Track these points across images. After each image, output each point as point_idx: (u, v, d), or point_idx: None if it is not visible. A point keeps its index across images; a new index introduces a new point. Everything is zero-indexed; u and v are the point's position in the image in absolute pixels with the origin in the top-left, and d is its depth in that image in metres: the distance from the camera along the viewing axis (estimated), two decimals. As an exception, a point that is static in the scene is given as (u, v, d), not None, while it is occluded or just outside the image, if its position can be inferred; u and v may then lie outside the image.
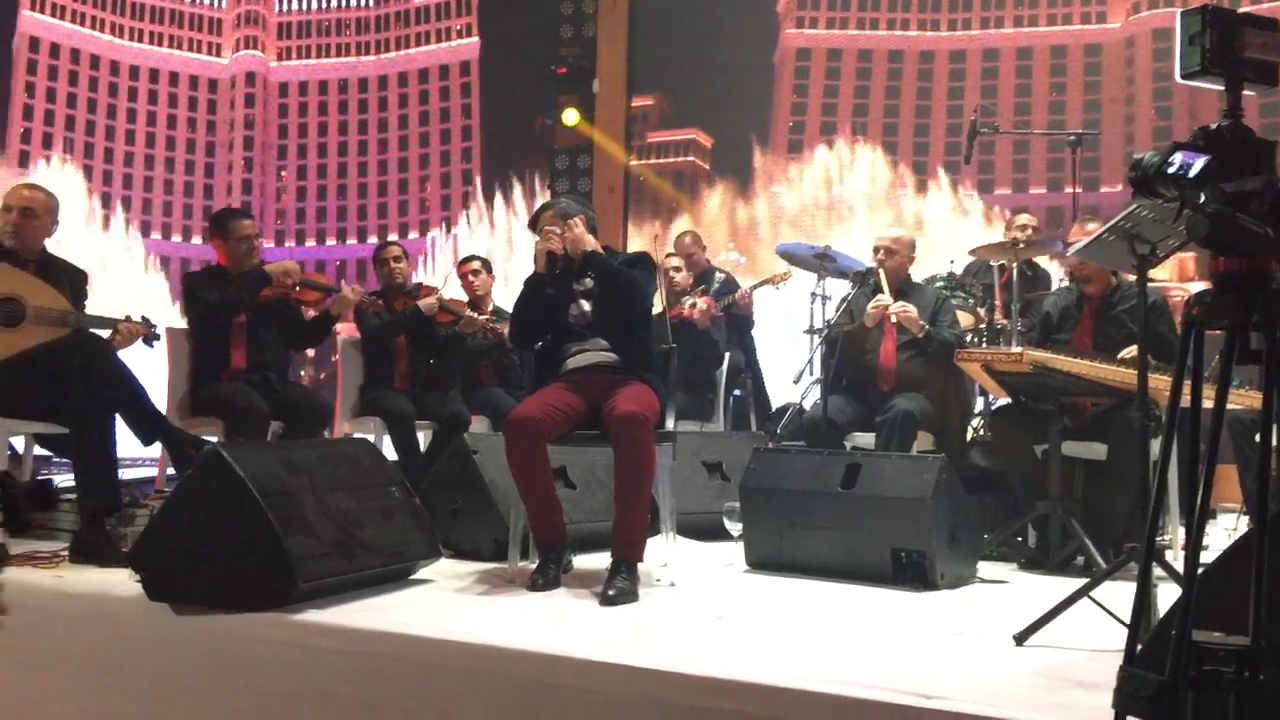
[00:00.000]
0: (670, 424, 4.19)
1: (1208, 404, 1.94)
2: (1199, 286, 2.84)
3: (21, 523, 1.85)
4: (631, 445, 3.70)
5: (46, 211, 4.53)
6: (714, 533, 4.58)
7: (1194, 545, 1.70)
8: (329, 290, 5.37)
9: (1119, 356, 4.31)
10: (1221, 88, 1.78)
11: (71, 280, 4.52)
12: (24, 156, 11.80)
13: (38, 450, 4.89)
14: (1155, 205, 2.63)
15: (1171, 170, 1.72)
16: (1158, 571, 2.86)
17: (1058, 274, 6.02)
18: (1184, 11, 1.74)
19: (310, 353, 5.34)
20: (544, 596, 3.62)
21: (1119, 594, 2.96)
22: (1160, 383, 3.80)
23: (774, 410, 6.96)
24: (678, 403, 4.65)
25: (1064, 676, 2.64)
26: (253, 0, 12.34)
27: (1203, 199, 1.70)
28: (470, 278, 6.25)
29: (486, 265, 6.44)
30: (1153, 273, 3.21)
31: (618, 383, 3.92)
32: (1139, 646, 1.89)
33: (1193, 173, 1.71)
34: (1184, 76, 1.76)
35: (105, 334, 4.40)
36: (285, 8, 12.24)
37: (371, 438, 5.08)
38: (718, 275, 6.97)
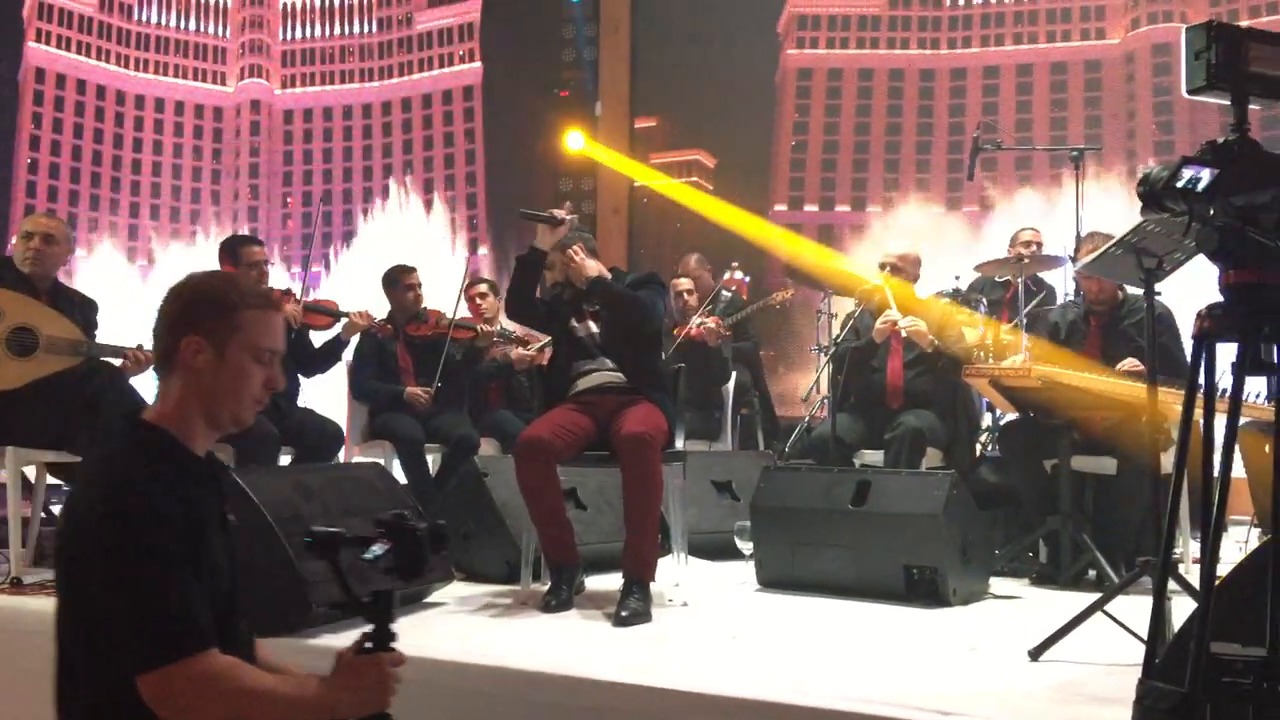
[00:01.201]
0: (680, 444, 4.20)
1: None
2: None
3: (418, 566, 1.83)
4: (639, 465, 3.71)
5: (65, 239, 4.58)
6: (724, 552, 4.58)
7: (1210, 558, 1.70)
8: (336, 315, 5.39)
9: (1117, 368, 4.31)
10: (1227, 102, 1.79)
11: (83, 309, 4.54)
12: (31, 187, 11.86)
13: (49, 479, 4.91)
14: (1162, 219, 2.65)
15: (1180, 184, 1.73)
16: (1171, 585, 2.86)
17: (1063, 289, 6.03)
18: (1189, 27, 1.75)
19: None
20: (557, 618, 3.62)
21: (1132, 608, 2.97)
22: (1170, 396, 3.81)
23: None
24: (685, 422, 4.66)
25: (1080, 691, 2.64)
26: (257, 29, 12.43)
27: (1211, 213, 1.71)
28: (478, 300, 6.28)
29: (494, 288, 6.47)
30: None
31: (625, 403, 3.93)
32: (1156, 659, 1.89)
33: (1201, 186, 1.72)
34: (1189, 91, 1.78)
35: (117, 362, 4.42)
36: (289, 36, 12.32)
37: (381, 462, 5.10)
38: (724, 293, 6.99)
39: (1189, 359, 1.90)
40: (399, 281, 5.77)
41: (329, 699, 1.81)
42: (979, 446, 5.60)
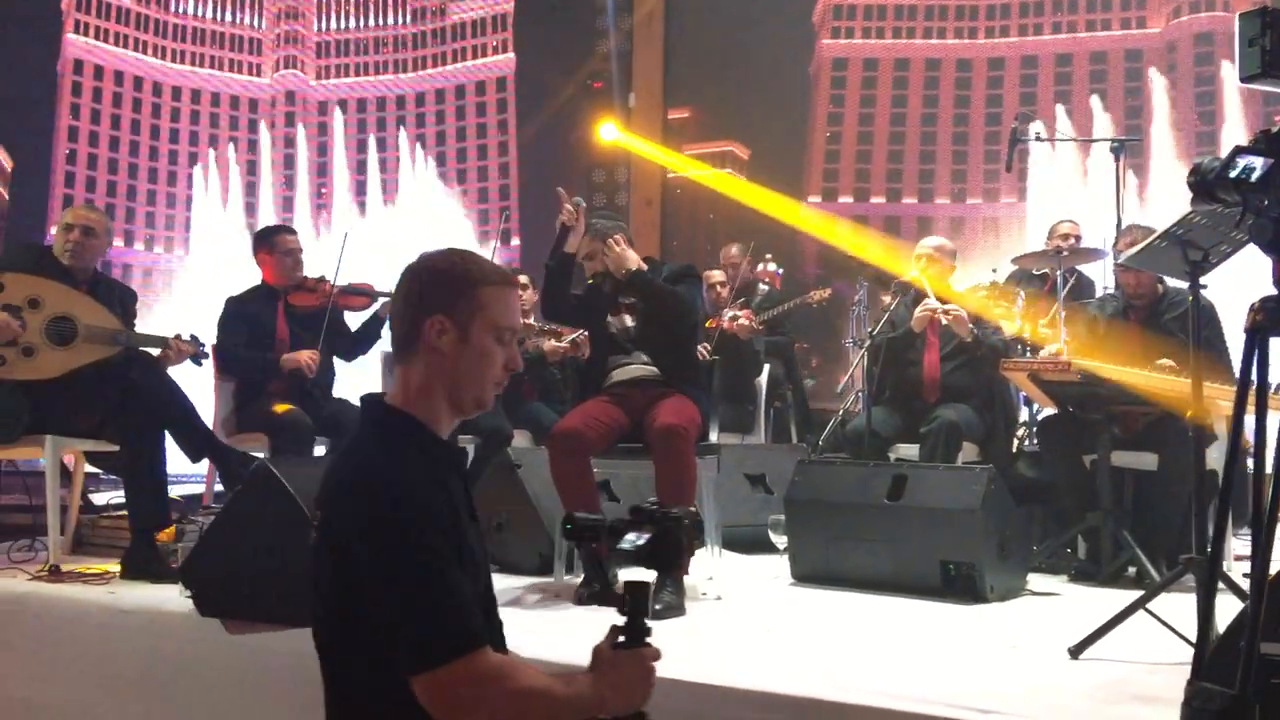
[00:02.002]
0: (713, 437, 4.17)
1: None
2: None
3: (677, 557, 1.82)
4: (672, 457, 3.69)
5: (105, 232, 4.62)
6: (757, 545, 4.56)
7: (1263, 557, 1.67)
8: (374, 295, 5.37)
9: (1156, 362, 4.23)
10: (1281, 90, 1.75)
11: (122, 299, 4.58)
12: (70, 178, 11.98)
13: (87, 468, 4.96)
14: (1211, 211, 2.60)
15: (1233, 175, 1.69)
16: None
17: (1101, 282, 5.95)
18: (1242, 14, 1.71)
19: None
20: (590, 610, 3.60)
21: (1173, 606, 2.92)
22: (1214, 392, 3.74)
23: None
24: (718, 415, 4.64)
25: (1123, 690, 2.60)
26: (292, 20, 12.47)
27: (1266, 203, 1.67)
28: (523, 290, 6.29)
29: (533, 281, 6.47)
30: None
31: (659, 395, 3.92)
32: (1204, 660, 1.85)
33: (1255, 177, 1.68)
34: (1244, 80, 1.74)
35: (155, 352, 4.45)
36: (324, 27, 12.35)
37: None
38: (761, 287, 6.95)
39: (1237, 353, 1.85)
40: None
41: (597, 697, 1.75)
42: (1016, 441, 5.54)
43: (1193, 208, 2.53)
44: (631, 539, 1.80)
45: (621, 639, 1.81)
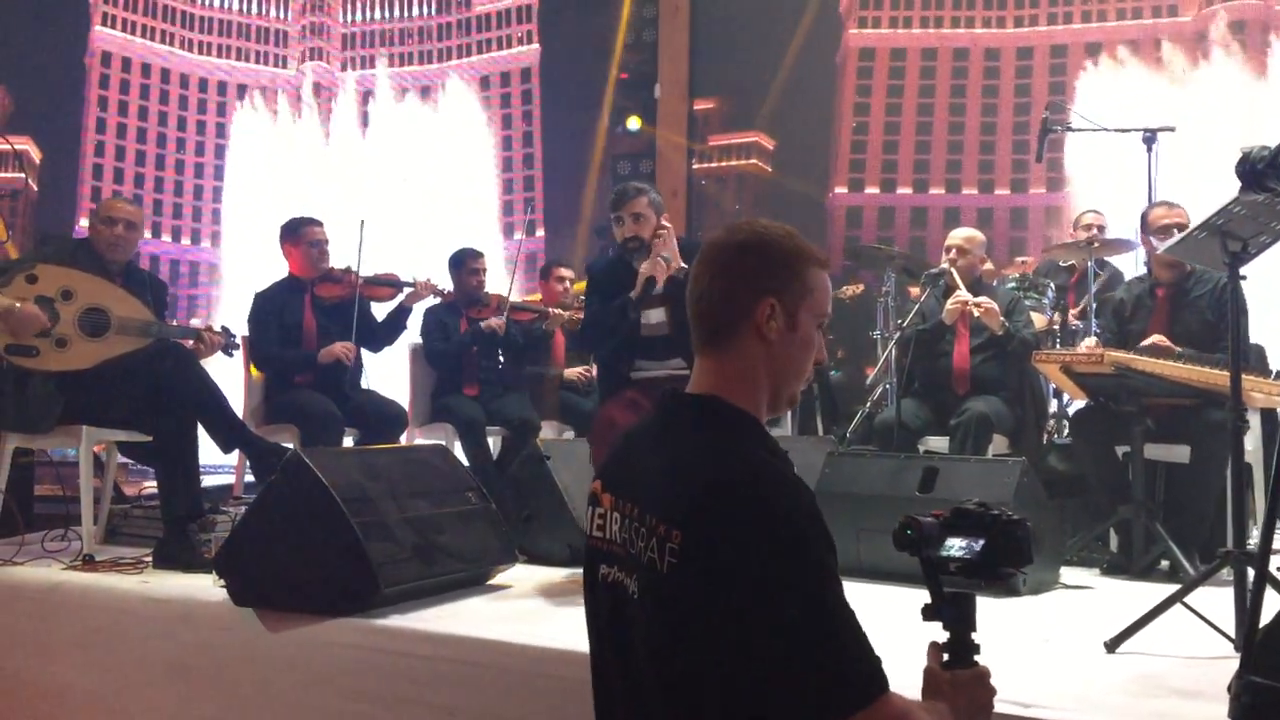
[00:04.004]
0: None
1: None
2: None
3: (1019, 564, 1.62)
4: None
5: (142, 224, 4.68)
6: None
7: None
8: (399, 285, 5.39)
9: (1144, 343, 4.23)
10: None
11: (154, 291, 4.61)
12: (97, 169, 12.06)
13: (120, 458, 5.00)
14: (1251, 201, 2.57)
15: (1285, 163, 1.66)
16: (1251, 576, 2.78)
17: (1130, 273, 5.90)
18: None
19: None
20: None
21: (1210, 600, 2.90)
22: (1249, 383, 3.70)
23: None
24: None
25: (1160, 684, 2.58)
26: (317, 12, 12.52)
27: (1317, 194, 1.64)
28: (556, 284, 6.29)
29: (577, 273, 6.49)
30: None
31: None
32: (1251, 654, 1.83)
33: (1306, 167, 1.66)
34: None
35: (188, 344, 4.47)
36: (349, 19, 12.39)
37: (444, 443, 5.12)
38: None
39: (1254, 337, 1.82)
40: (464, 264, 5.78)
41: None
42: (1046, 434, 5.50)
43: (1239, 196, 2.50)
44: (960, 545, 1.61)
45: (947, 657, 1.65)
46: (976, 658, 1.64)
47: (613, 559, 1.61)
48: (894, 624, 3.38)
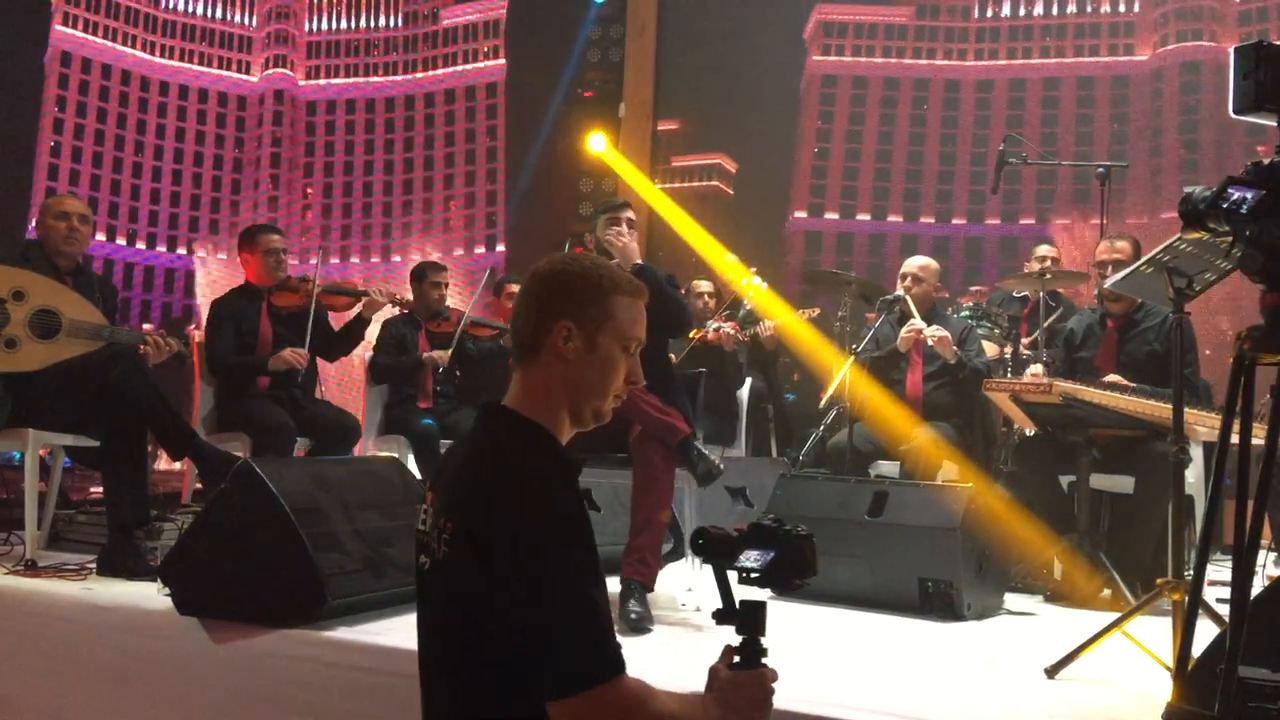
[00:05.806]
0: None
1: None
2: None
3: (803, 575, 1.73)
4: (651, 464, 3.67)
5: (92, 221, 4.63)
6: (738, 558, 4.55)
7: (1243, 581, 1.69)
8: (356, 295, 5.37)
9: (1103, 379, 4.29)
10: (1275, 123, 1.77)
11: (104, 293, 4.56)
12: (53, 170, 11.91)
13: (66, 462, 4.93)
14: (1195, 239, 2.63)
15: (1225, 205, 1.71)
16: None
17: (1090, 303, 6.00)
18: (1238, 47, 1.74)
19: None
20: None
21: (1148, 629, 2.95)
22: (1191, 416, 3.78)
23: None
24: (701, 427, 4.64)
25: (1097, 711, 2.62)
26: (283, 19, 12.47)
27: (1255, 233, 1.70)
28: (509, 301, 6.32)
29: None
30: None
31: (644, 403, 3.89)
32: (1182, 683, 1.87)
33: (1245, 208, 1.71)
34: (1236, 111, 1.76)
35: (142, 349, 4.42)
36: (315, 27, 12.36)
37: (397, 456, 5.10)
38: (746, 304, 6.97)
39: (1212, 379, 1.88)
40: (426, 277, 5.79)
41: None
42: (994, 462, 5.57)
43: (1181, 235, 2.56)
44: (754, 557, 1.75)
45: (737, 659, 1.77)
46: (765, 660, 1.76)
47: (424, 549, 1.77)
48: (838, 643, 3.43)
